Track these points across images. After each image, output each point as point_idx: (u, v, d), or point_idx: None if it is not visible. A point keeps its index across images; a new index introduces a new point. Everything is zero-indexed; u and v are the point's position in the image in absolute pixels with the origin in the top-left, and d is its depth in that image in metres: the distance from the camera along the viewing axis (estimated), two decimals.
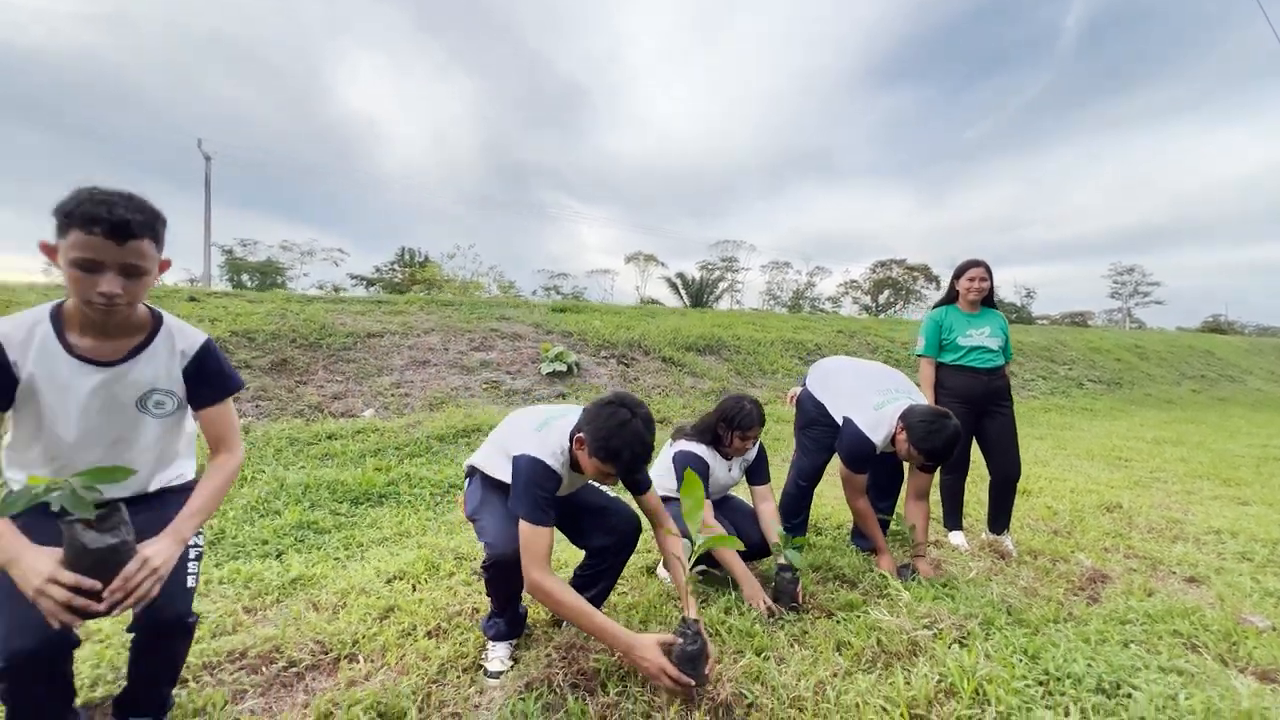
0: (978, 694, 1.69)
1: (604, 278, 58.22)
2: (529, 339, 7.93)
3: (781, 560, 2.34)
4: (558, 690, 1.72)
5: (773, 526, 2.59)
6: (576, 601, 1.70)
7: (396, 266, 51.35)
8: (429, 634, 2.11)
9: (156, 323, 1.43)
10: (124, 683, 1.54)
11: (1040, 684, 1.75)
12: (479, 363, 6.98)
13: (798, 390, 3.20)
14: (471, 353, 7.17)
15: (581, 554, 2.19)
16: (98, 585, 1.12)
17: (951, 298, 3.60)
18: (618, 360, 8.12)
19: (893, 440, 2.59)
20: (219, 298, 7.13)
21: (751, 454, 2.77)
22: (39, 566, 1.11)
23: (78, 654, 1.40)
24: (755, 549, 2.65)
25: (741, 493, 2.96)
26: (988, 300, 3.54)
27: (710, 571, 2.66)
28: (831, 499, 3.97)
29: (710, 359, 9.05)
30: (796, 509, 3.10)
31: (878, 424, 2.56)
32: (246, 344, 5.95)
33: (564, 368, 7.20)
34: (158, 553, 1.23)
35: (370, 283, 49.41)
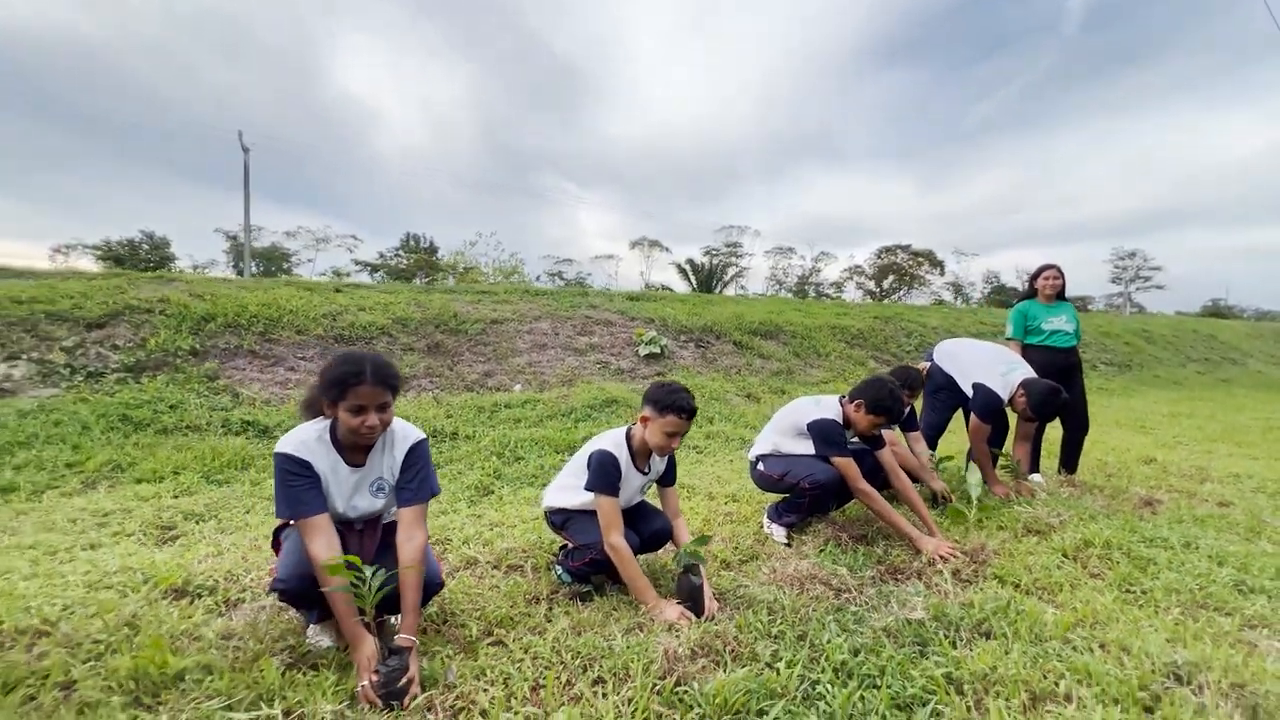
0: (1105, 545, 2.74)
1: (608, 263, 58.42)
2: (619, 324, 8.93)
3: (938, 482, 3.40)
4: (846, 544, 2.77)
5: (926, 457, 3.63)
6: (883, 500, 2.74)
7: (402, 253, 52.07)
8: (720, 524, 3.16)
9: None
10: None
11: (1142, 542, 2.81)
12: (586, 346, 8.00)
13: (927, 365, 4.22)
14: (578, 337, 8.18)
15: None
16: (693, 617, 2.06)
17: (1031, 293, 4.60)
18: (695, 344, 9.13)
19: (1010, 400, 3.62)
20: (358, 289, 8.11)
21: (905, 409, 3.80)
22: (670, 611, 2.04)
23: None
24: (912, 476, 3.69)
25: None
26: (1060, 294, 4.54)
27: None
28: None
29: (772, 343, 10.06)
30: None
31: (1005, 387, 3.60)
32: (403, 329, 6.96)
33: (657, 350, 8.23)
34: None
35: (375, 268, 50.19)
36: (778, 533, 2.99)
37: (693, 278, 50.19)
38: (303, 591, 1.68)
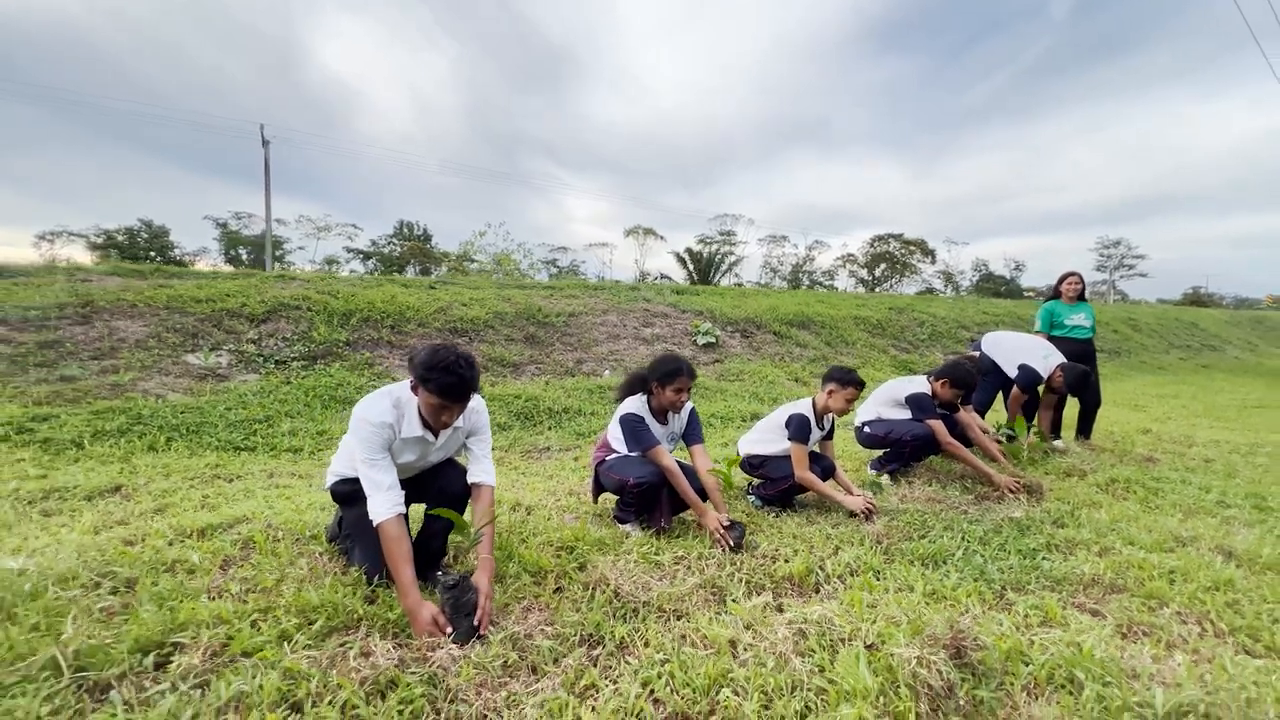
0: (1126, 481, 3.84)
1: (601, 251, 58.55)
2: (674, 316, 9.95)
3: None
4: (944, 481, 3.85)
5: (980, 426, 4.73)
6: (966, 450, 3.81)
7: (395, 240, 52.42)
8: None
9: None
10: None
11: (1151, 480, 3.92)
12: (651, 336, 9.02)
13: (976, 353, 5.31)
14: (642, 328, 9.19)
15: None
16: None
17: (1056, 294, 5.70)
18: (740, 334, 10.18)
19: (1049, 379, 4.73)
20: (449, 286, 9.05)
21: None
22: (858, 501, 3.12)
23: None
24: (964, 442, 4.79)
25: None
26: (1080, 295, 5.64)
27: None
28: None
29: (805, 332, 11.14)
30: None
31: (1046, 369, 4.70)
32: (501, 322, 7.93)
33: (713, 339, 9.27)
34: None
35: (368, 256, 50.57)
36: (885, 479, 4.07)
37: (691, 266, 51.13)
38: (655, 485, 2.75)
